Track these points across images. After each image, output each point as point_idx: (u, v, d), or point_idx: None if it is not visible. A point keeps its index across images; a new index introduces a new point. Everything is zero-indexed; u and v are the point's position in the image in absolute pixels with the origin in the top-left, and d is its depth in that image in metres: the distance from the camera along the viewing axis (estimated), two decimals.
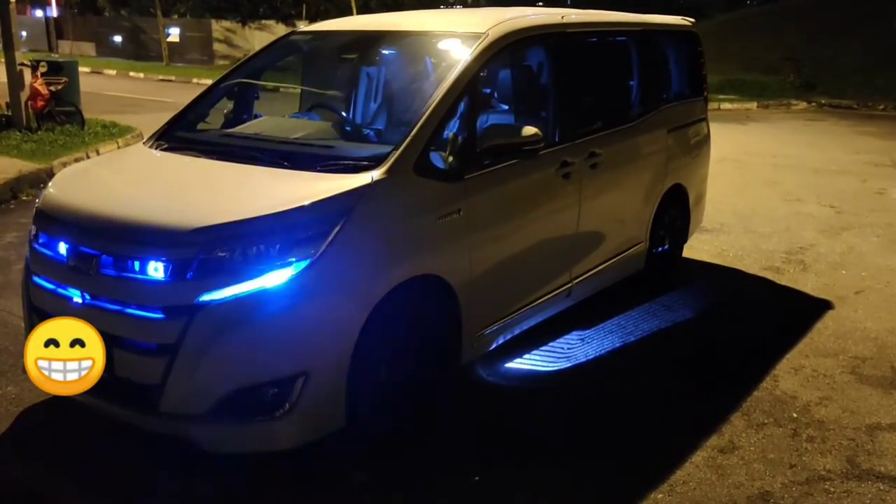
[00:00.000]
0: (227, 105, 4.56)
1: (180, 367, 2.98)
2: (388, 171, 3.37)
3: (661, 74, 5.69)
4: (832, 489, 3.31)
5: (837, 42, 22.19)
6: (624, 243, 5.15)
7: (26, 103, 11.18)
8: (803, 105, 18.51)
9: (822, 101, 18.64)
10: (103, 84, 21.48)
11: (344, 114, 4.79)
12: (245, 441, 3.18)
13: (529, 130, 3.79)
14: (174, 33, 33.30)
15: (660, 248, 5.58)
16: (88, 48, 35.71)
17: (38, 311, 3.44)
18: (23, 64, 11.25)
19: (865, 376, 4.37)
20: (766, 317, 5.37)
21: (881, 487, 3.33)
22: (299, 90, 5.11)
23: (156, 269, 3.03)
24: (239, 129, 4.29)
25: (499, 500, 3.26)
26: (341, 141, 4.11)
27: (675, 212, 5.72)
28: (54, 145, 10.27)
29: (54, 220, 3.43)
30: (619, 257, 5.09)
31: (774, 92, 19.70)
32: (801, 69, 20.59)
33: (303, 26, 5.27)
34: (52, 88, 11.41)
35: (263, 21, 33.11)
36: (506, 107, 4.56)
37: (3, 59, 11.23)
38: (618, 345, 4.72)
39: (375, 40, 4.89)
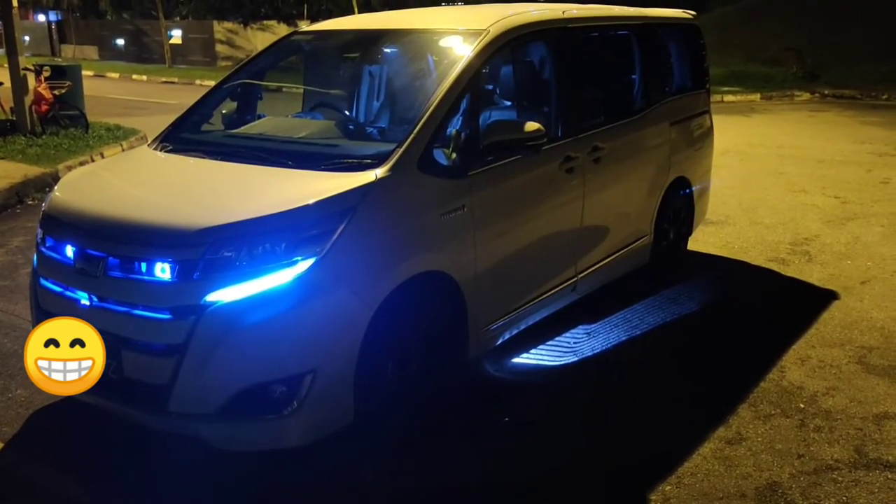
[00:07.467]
0: (230, 106, 4.57)
1: (188, 367, 3.00)
2: (392, 169, 3.38)
3: (663, 67, 5.69)
4: (840, 479, 3.31)
5: (841, 31, 22.09)
6: (628, 237, 5.15)
7: (30, 108, 11.23)
8: (807, 96, 18.48)
9: (826, 92, 18.60)
10: (107, 87, 21.53)
11: (347, 112, 4.81)
12: (254, 439, 3.20)
13: (532, 126, 3.79)
14: (176, 35, 33.36)
15: (664, 241, 5.58)
16: (91, 52, 35.81)
17: (46, 314, 3.44)
18: (26, 68, 11.28)
19: (872, 366, 4.36)
20: (772, 308, 5.36)
21: (889, 476, 3.33)
22: (302, 90, 5.12)
23: (163, 271, 3.05)
24: (243, 129, 4.31)
25: (506, 496, 3.27)
26: (345, 139, 4.12)
27: (680, 204, 5.73)
28: (59, 149, 10.31)
29: (61, 224, 3.45)
30: (623, 251, 5.09)
31: (778, 83, 19.67)
32: (805, 59, 20.55)
33: (304, 26, 5.27)
34: (56, 92, 11.48)
35: (265, 22, 33.15)
36: (508, 103, 4.56)
37: (6, 64, 11.27)
38: (624, 338, 4.73)
39: (377, 39, 4.90)
